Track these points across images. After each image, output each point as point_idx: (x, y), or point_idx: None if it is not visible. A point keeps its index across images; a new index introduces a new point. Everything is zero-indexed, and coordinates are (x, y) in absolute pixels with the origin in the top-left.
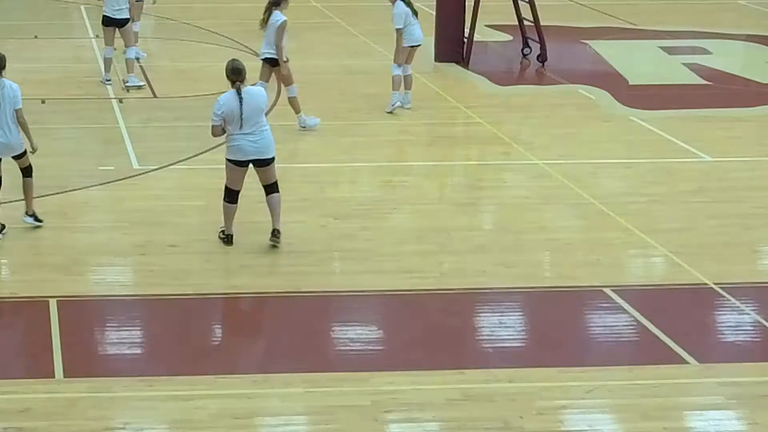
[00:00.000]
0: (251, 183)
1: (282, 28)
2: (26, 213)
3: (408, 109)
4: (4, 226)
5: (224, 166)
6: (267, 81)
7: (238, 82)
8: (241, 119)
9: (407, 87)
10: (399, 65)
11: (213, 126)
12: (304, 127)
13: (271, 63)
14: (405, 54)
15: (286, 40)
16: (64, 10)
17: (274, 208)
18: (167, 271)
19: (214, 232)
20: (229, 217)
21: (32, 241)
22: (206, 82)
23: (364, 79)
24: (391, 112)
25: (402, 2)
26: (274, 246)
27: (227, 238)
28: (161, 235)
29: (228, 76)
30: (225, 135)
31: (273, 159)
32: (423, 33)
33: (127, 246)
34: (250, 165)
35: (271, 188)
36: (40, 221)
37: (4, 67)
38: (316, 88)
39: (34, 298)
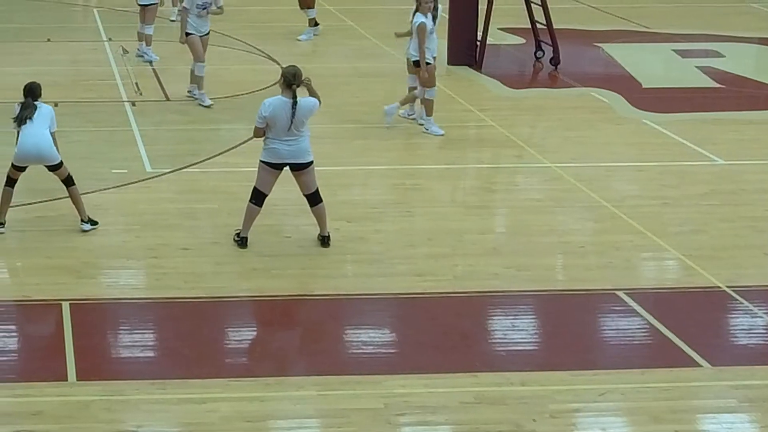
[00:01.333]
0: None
1: (420, 30)
2: (81, 221)
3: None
4: (3, 224)
5: (255, 168)
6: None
7: (294, 86)
8: (291, 124)
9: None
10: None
11: (256, 127)
12: (427, 131)
13: (416, 64)
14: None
15: (428, 42)
16: (76, 13)
17: (320, 217)
18: (179, 274)
19: (226, 235)
20: (250, 219)
21: (45, 244)
22: (219, 85)
23: (377, 82)
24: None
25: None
26: (324, 247)
27: (242, 241)
28: (174, 238)
29: (286, 79)
30: (264, 138)
31: (310, 163)
32: (437, 36)
33: (139, 249)
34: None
35: (313, 198)
36: (95, 223)
37: (39, 95)
38: (329, 90)
39: (46, 301)
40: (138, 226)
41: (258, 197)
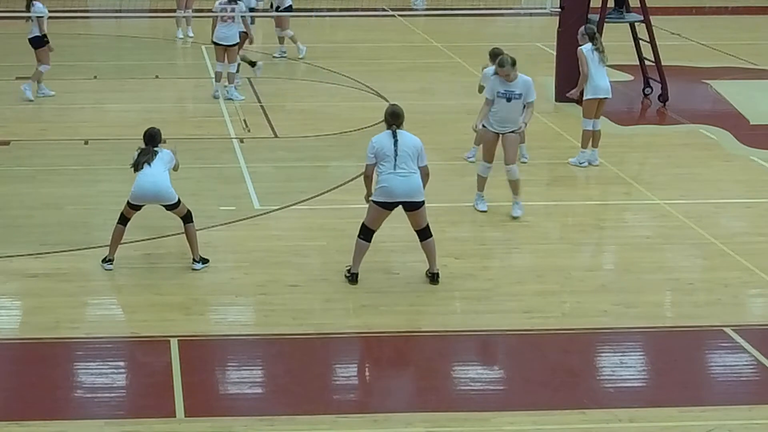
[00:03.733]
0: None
1: (579, 58)
2: (193, 260)
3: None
4: (111, 261)
5: (367, 206)
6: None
7: (394, 125)
8: (395, 158)
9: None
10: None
11: (367, 165)
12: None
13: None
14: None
15: (586, 72)
16: (184, 50)
17: (430, 252)
18: (288, 311)
19: (334, 272)
20: (359, 254)
21: (154, 281)
22: (327, 121)
23: None
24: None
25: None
26: (433, 284)
27: (352, 277)
28: (282, 275)
29: (386, 119)
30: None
31: (422, 203)
32: (544, 73)
33: (248, 286)
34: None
35: (423, 233)
36: (206, 261)
37: (160, 141)
38: (438, 127)
39: (155, 338)
40: (247, 263)
41: (367, 233)
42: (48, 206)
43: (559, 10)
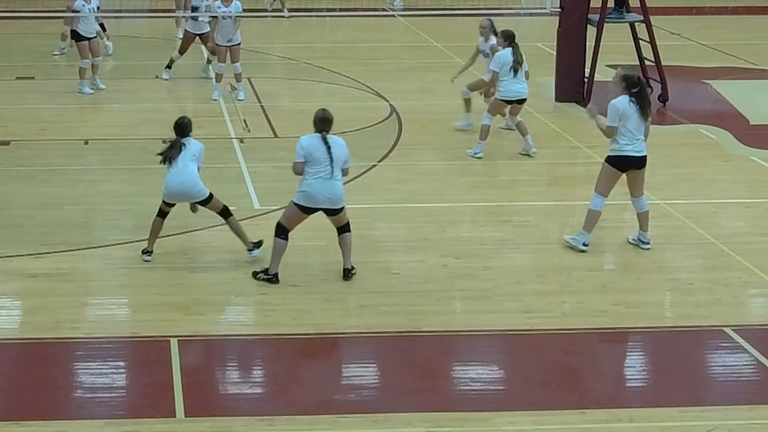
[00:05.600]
0: (373, 222)
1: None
2: (248, 250)
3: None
4: (150, 253)
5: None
6: None
7: (324, 131)
8: (331, 164)
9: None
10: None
11: (296, 163)
12: None
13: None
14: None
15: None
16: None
17: (346, 247)
18: (288, 311)
19: (334, 272)
20: (279, 253)
21: (153, 281)
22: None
23: None
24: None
25: (510, 51)
26: (345, 280)
27: (274, 277)
28: (282, 275)
29: (316, 124)
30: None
31: (342, 208)
32: (544, 73)
33: (248, 286)
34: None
35: (343, 228)
36: (260, 245)
37: (190, 131)
38: (438, 127)
39: (155, 338)
40: (246, 263)
41: (284, 232)
42: (48, 206)
43: (559, 10)
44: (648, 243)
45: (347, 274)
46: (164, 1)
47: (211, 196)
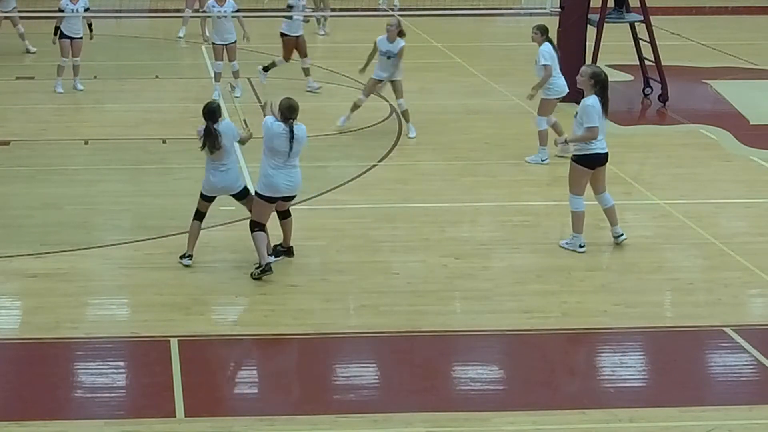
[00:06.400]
0: (373, 222)
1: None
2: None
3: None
4: (191, 257)
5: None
6: None
7: (291, 120)
8: (289, 154)
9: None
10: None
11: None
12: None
13: None
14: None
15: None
16: (184, 50)
17: (288, 229)
18: (288, 311)
19: (334, 272)
20: (263, 244)
21: (154, 281)
22: (326, 121)
23: (485, 119)
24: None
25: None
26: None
27: (267, 267)
28: (282, 275)
29: (282, 112)
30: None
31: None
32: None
33: (248, 286)
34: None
35: (286, 213)
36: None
37: (220, 116)
38: (438, 127)
39: (155, 338)
40: (246, 263)
41: (261, 226)
42: (48, 206)
43: (559, 10)
44: (621, 235)
45: (292, 251)
46: (164, 1)
47: (247, 190)
